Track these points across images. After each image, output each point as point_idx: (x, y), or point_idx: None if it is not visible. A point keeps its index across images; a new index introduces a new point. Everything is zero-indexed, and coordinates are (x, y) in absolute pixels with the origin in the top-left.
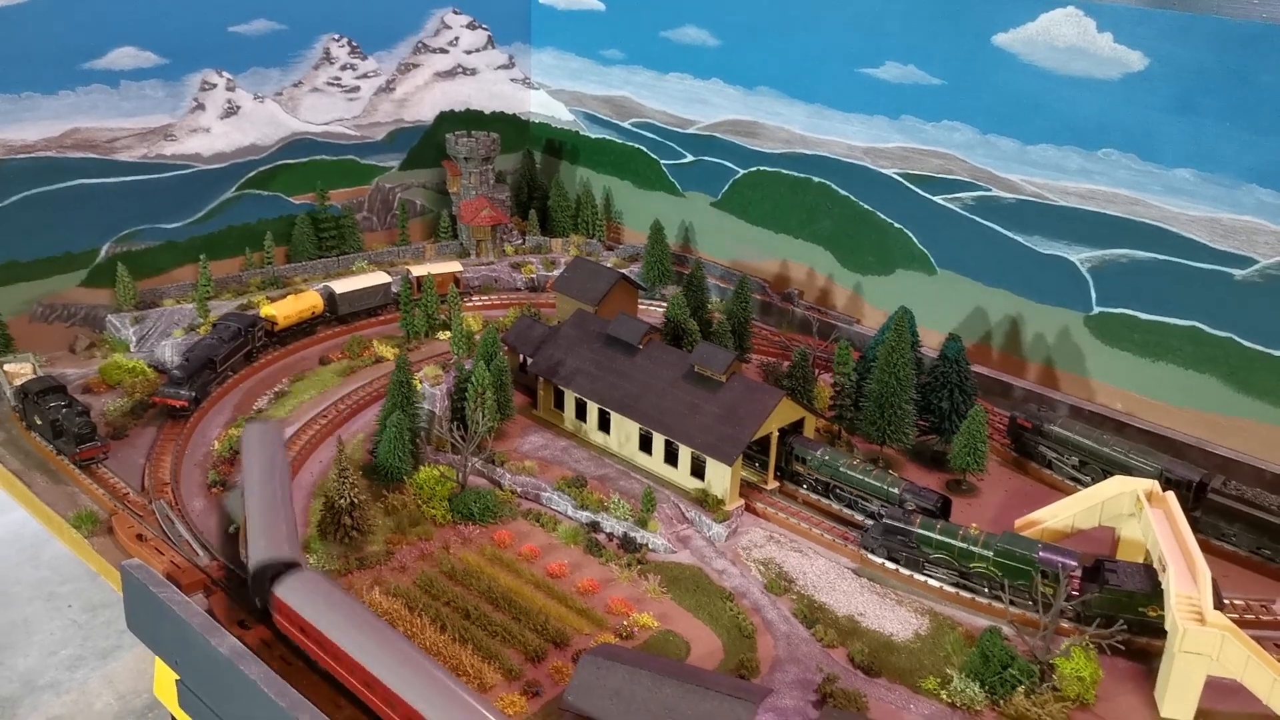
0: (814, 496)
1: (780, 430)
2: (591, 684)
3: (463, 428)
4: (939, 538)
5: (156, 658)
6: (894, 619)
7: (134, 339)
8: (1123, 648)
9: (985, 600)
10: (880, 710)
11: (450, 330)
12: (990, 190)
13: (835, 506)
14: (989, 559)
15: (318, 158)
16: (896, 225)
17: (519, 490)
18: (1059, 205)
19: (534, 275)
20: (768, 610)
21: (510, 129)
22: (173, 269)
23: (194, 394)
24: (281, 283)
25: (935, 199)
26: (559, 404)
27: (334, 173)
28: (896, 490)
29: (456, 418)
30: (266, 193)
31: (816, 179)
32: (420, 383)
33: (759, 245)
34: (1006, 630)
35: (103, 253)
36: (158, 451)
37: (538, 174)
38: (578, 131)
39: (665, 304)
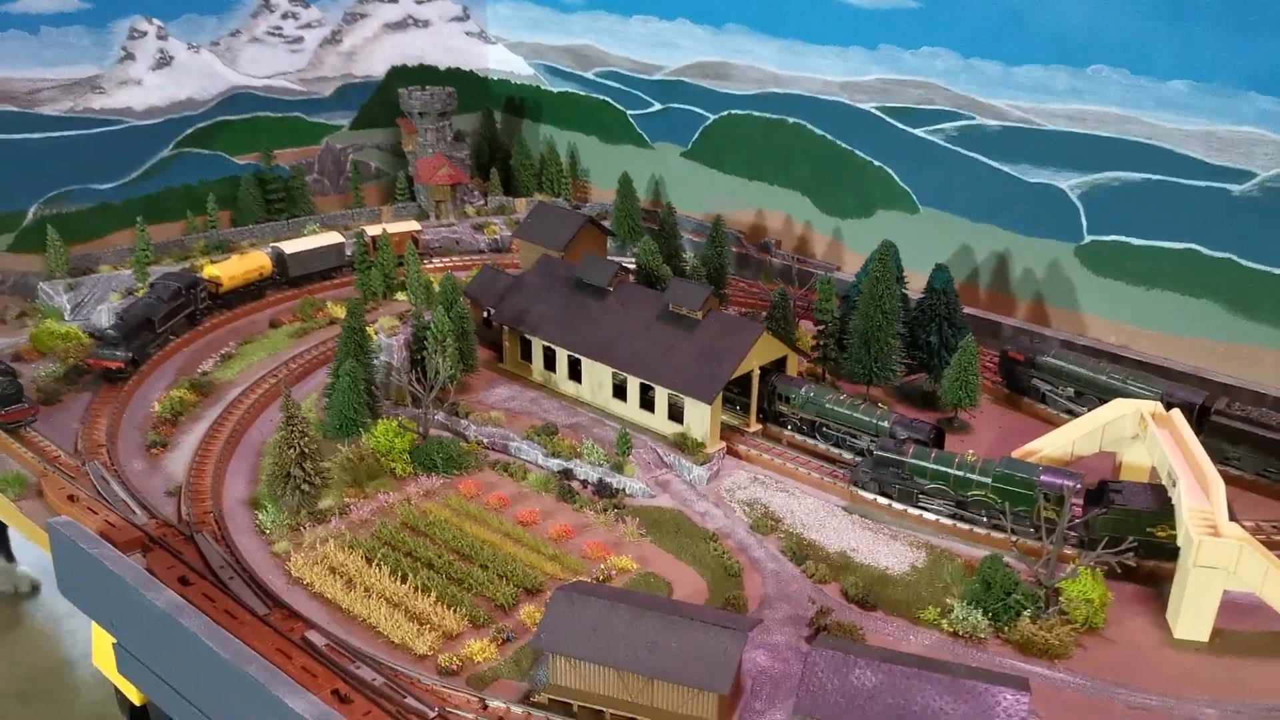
0: (799, 437)
1: (761, 369)
2: (565, 622)
3: (422, 377)
4: (934, 466)
5: (93, 623)
6: (888, 553)
7: (68, 306)
8: (1133, 566)
9: (984, 531)
10: (879, 642)
11: (408, 293)
12: (974, 118)
13: (822, 446)
14: (988, 486)
15: (261, 114)
16: (876, 163)
17: (485, 441)
18: (1046, 130)
19: (497, 236)
20: (754, 550)
21: (468, 87)
22: (108, 233)
23: (131, 355)
24: (227, 247)
25: (916, 132)
26: (526, 355)
27: (279, 131)
28: (887, 424)
29: (416, 368)
30: (207, 152)
31: (791, 120)
32: (376, 334)
33: (733, 195)
34: (1009, 560)
35: (30, 215)
36: (93, 414)
37: (498, 133)
38: (539, 86)
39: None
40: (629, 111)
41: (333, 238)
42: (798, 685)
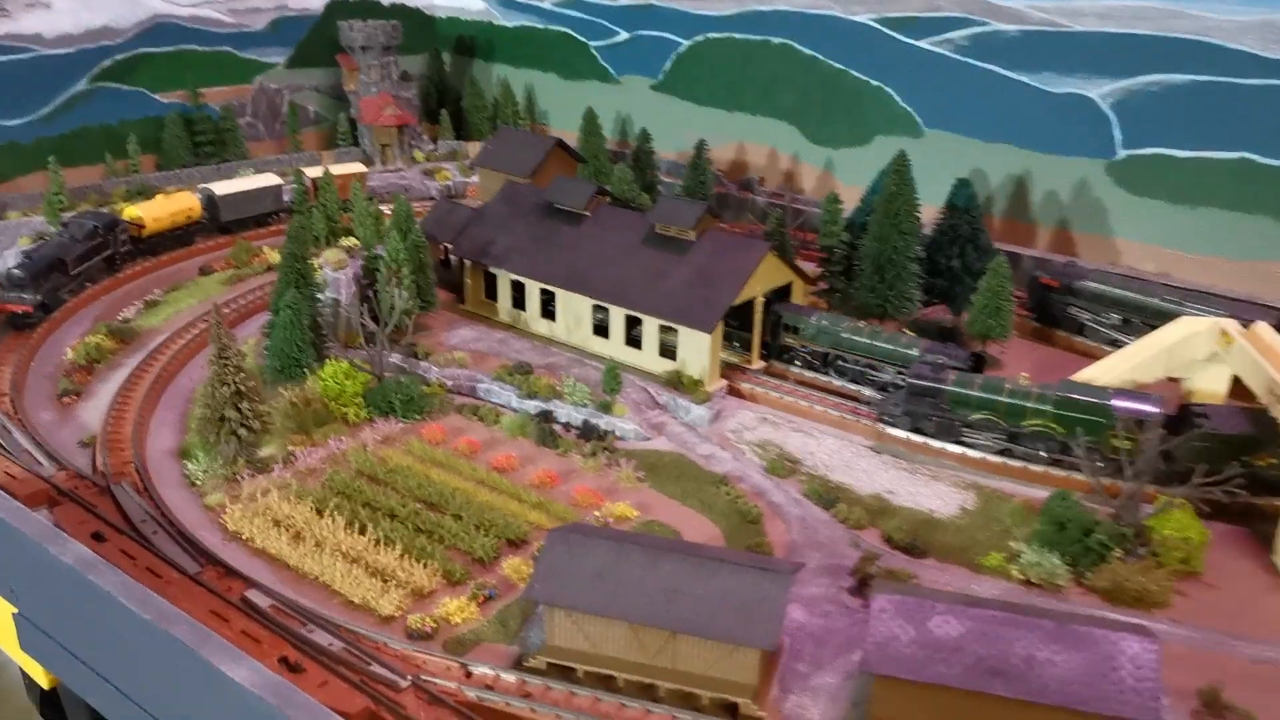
0: (808, 374)
1: (764, 299)
2: (563, 568)
3: (375, 312)
4: (981, 395)
5: None
6: (930, 495)
7: None
8: (1225, 501)
9: (1039, 468)
10: None
11: (355, 238)
12: (987, 24)
13: (837, 382)
14: (1047, 414)
15: (186, 48)
16: (874, 83)
17: (449, 384)
18: (1073, 32)
19: (450, 182)
20: (772, 493)
21: (413, 27)
22: (16, 175)
23: (40, 299)
24: (151, 194)
25: (920, 44)
26: (491, 293)
27: (207, 67)
28: (915, 351)
29: (366, 304)
30: (127, 87)
31: (776, 40)
32: (321, 268)
33: (710, 129)
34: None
35: None
36: None
37: (447, 76)
38: (491, 22)
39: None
40: (592, 43)
41: (269, 179)
42: (866, 637)
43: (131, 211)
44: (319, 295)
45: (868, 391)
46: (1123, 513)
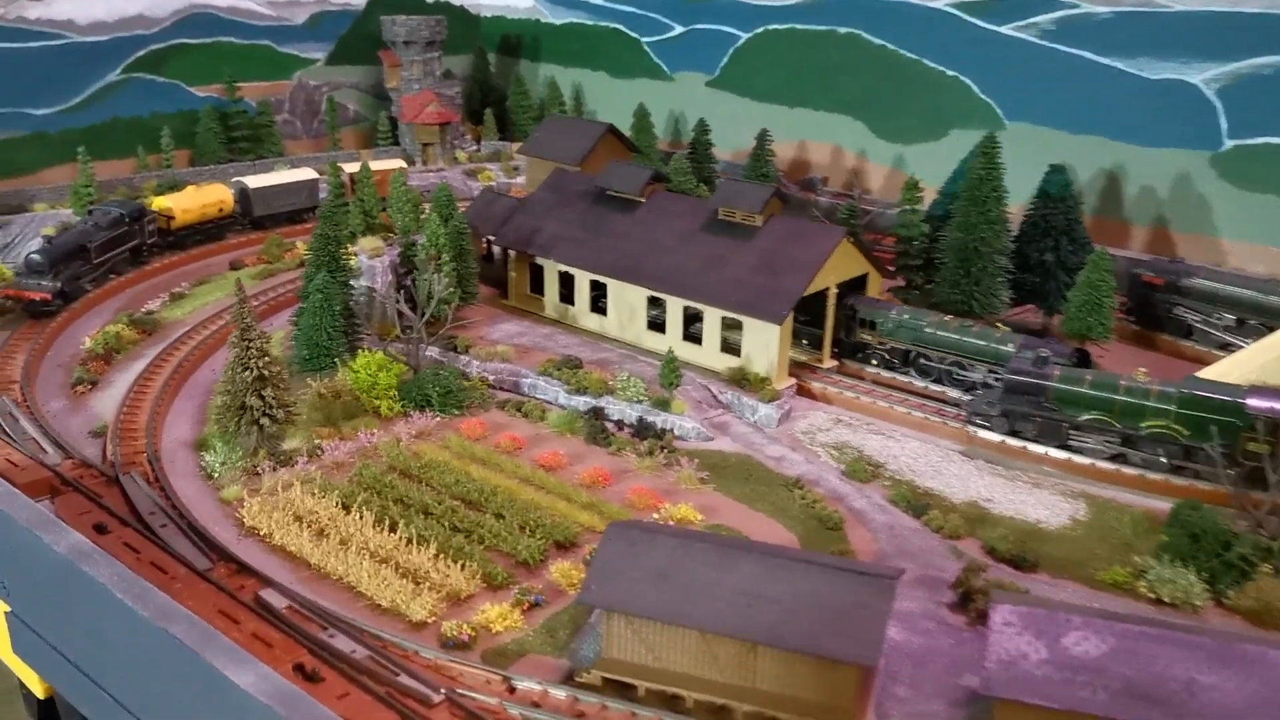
0: (885, 373)
1: (838, 292)
2: (623, 568)
3: (412, 299)
4: (1092, 393)
5: None
6: (1035, 503)
7: None
8: None
9: (1158, 476)
10: None
11: (392, 208)
12: (1077, 6)
13: (919, 383)
14: (1169, 414)
15: (223, 39)
16: (950, 73)
17: (490, 378)
18: (1173, 12)
19: (494, 183)
20: (853, 499)
21: (458, 27)
22: (43, 167)
23: (59, 286)
24: (183, 188)
25: (1002, 30)
26: (537, 287)
27: (245, 60)
28: (1010, 347)
29: (403, 292)
30: (161, 79)
31: (843, 30)
32: (355, 255)
33: (770, 126)
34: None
35: None
36: (7, 350)
37: (491, 76)
38: (538, 20)
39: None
40: (644, 39)
41: (305, 173)
42: (985, 656)
43: (161, 202)
44: (352, 282)
45: (953, 392)
46: (1265, 524)
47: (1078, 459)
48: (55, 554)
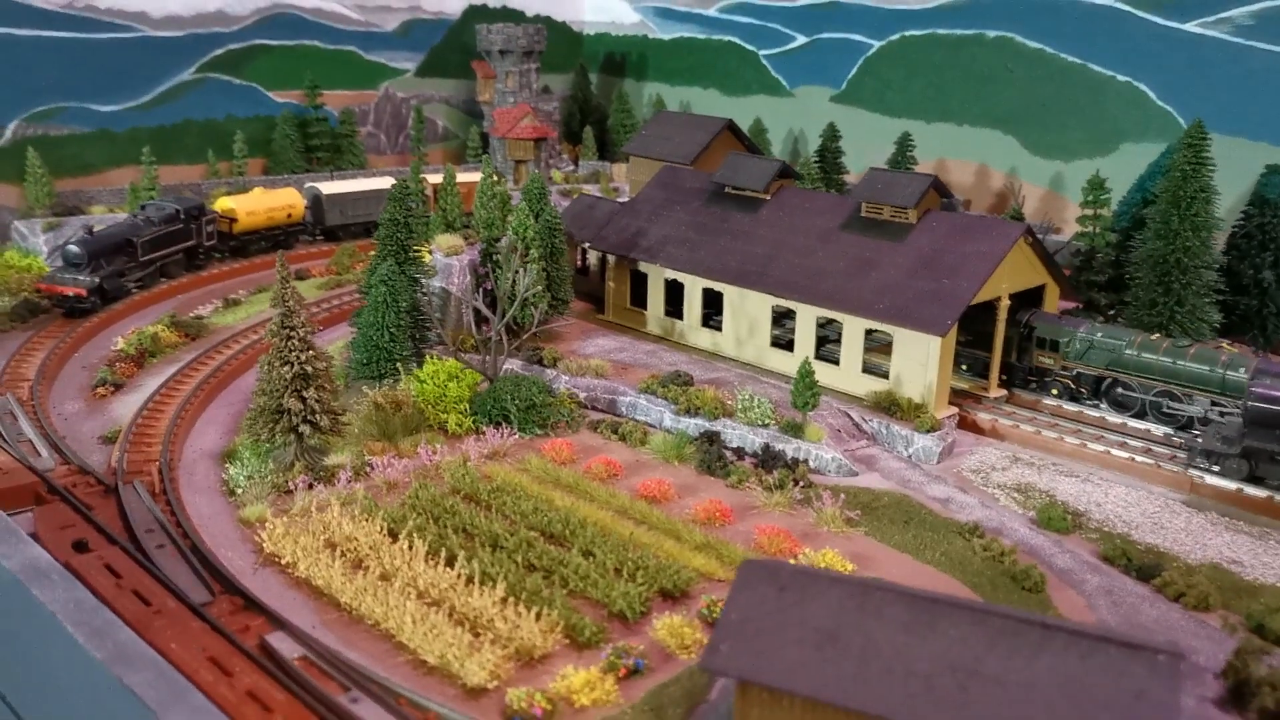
0: (1068, 405)
1: (1010, 302)
2: (771, 623)
3: (492, 303)
4: None
5: None
6: None
7: (45, 250)
8: None
9: None
10: None
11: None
12: None
13: (1112, 417)
14: None
15: (307, 42)
16: (1120, 78)
17: (581, 396)
18: None
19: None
20: (1052, 554)
21: (559, 42)
22: (106, 167)
23: (97, 281)
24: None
25: (1186, 27)
26: (638, 299)
27: (329, 66)
28: (1243, 373)
29: (481, 291)
30: (238, 81)
31: (992, 34)
32: (431, 253)
33: (904, 143)
34: None
35: (7, 133)
36: (29, 347)
37: (593, 96)
38: (645, 35)
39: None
40: (761, 52)
41: (383, 182)
42: None
43: (224, 203)
44: (425, 281)
45: (1158, 429)
46: None
47: None
48: (3, 571)
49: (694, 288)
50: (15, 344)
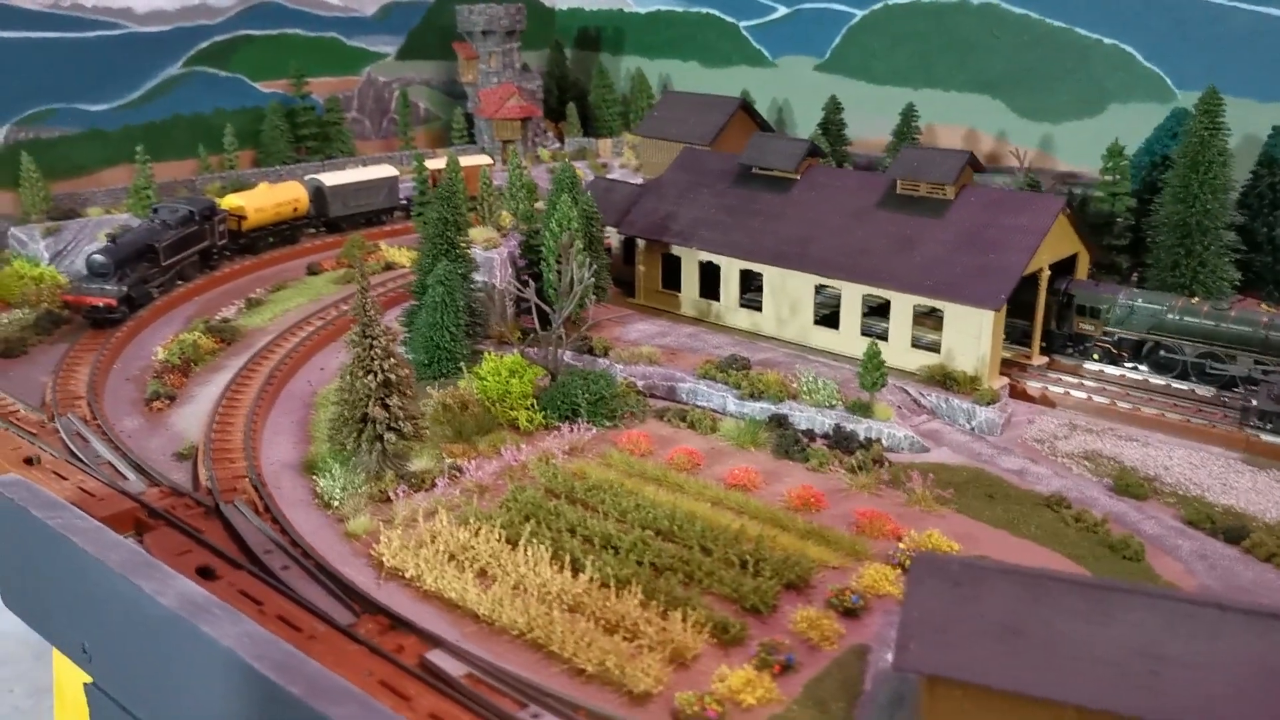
0: (1109, 369)
1: (1050, 272)
2: (952, 618)
3: (541, 296)
4: None
5: (54, 651)
6: None
7: (46, 255)
8: None
9: None
10: None
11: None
12: None
13: (1155, 379)
14: None
15: (290, 31)
16: (1107, 40)
17: (639, 384)
18: None
19: (608, 171)
20: (1135, 519)
21: (531, 18)
22: (99, 168)
23: (126, 291)
24: (254, 187)
25: None
26: (670, 282)
27: (312, 53)
28: None
29: (531, 285)
30: (224, 73)
31: (975, 0)
32: (469, 248)
33: (890, 111)
34: None
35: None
36: (70, 363)
37: (569, 72)
38: (621, 9)
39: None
40: (742, 23)
41: (384, 170)
42: None
43: (232, 201)
44: (473, 276)
45: (1202, 390)
46: None
47: None
48: (159, 607)
49: (730, 270)
50: (50, 359)
